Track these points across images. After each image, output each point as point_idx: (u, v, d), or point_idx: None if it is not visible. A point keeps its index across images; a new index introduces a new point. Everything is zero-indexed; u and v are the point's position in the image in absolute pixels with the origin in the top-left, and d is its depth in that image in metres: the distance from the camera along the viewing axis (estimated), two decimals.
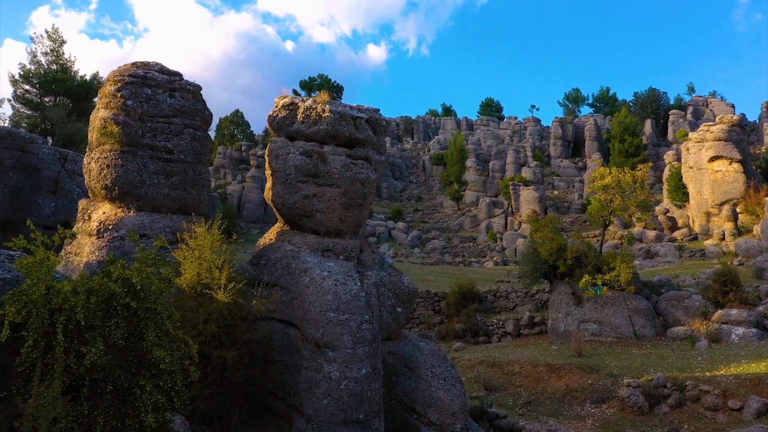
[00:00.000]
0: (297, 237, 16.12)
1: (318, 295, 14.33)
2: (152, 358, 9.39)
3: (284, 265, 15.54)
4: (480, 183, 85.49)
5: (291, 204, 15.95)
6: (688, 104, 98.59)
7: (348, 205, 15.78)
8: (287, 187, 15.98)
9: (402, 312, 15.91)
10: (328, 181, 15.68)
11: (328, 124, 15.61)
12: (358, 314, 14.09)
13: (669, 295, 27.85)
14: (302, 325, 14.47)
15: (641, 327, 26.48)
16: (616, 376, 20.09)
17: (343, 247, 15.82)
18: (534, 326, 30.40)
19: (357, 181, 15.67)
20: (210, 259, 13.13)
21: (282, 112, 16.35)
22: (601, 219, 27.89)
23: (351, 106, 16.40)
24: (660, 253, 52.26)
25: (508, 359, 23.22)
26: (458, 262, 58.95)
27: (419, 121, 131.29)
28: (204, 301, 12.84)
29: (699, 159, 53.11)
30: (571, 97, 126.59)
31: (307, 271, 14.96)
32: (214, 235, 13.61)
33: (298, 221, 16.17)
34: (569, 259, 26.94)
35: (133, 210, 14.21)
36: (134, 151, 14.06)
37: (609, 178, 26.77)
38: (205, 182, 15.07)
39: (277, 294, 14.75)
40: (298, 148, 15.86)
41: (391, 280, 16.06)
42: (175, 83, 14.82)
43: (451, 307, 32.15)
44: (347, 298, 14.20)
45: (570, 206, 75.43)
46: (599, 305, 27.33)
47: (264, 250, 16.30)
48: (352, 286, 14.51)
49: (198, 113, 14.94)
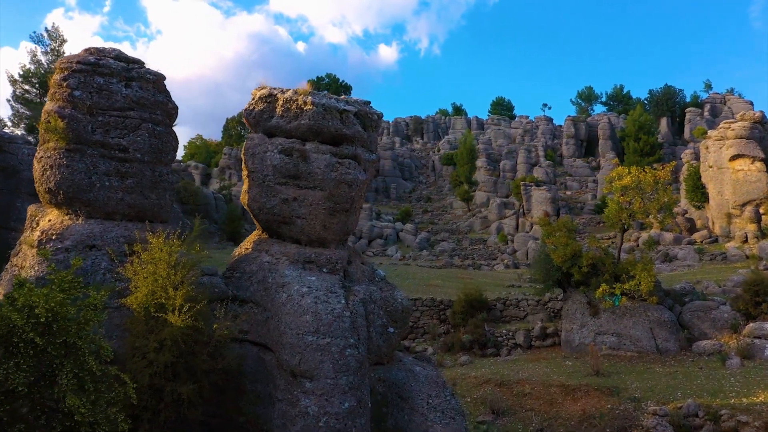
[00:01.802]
0: (275, 247, 14.18)
1: (295, 315, 12.39)
2: (65, 407, 7.47)
3: (260, 279, 13.62)
4: (490, 183, 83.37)
5: (268, 209, 14.02)
6: (705, 102, 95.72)
7: (333, 210, 13.82)
8: (264, 190, 14.07)
9: (395, 332, 13.91)
10: (310, 183, 13.74)
11: (310, 119, 13.67)
12: (341, 337, 12.14)
13: (694, 306, 25.60)
14: (277, 350, 12.54)
15: (664, 340, 24.30)
16: (639, 401, 17.94)
17: (327, 258, 13.85)
18: (546, 338, 28.28)
19: (343, 183, 13.70)
20: (165, 275, 11.21)
21: (259, 105, 14.43)
22: (619, 223, 25.68)
23: (337, 98, 14.44)
24: (679, 256, 50.00)
25: (517, 377, 21.16)
26: (467, 265, 56.86)
27: (429, 121, 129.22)
28: (156, 325, 10.92)
29: (719, 158, 50.85)
30: (584, 95, 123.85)
31: (285, 286, 13.03)
32: (172, 247, 11.70)
33: (276, 228, 14.24)
34: (584, 267, 24.80)
35: (81, 217, 12.32)
36: (82, 150, 12.16)
37: (628, 179, 24.57)
38: (167, 185, 13.14)
39: (246, 315, 12.82)
40: (277, 145, 13.94)
41: (383, 295, 14.06)
42: (132, 71, 12.91)
43: (458, 316, 30.08)
44: (329, 319, 12.25)
45: (583, 207, 73.19)
46: (617, 316, 25.19)
47: (239, 261, 14.37)
48: (335, 304, 12.55)
49: (159, 106, 13.02)
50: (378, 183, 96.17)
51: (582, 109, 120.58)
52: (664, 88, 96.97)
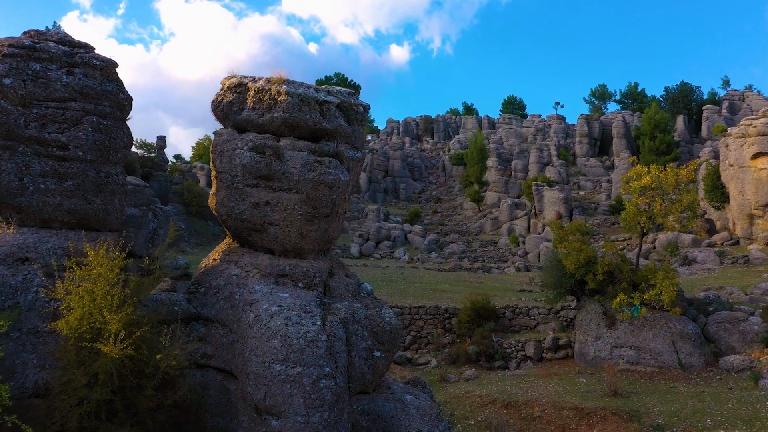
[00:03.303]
0: (246, 258, 12.39)
1: (262, 339, 10.59)
2: None
3: (227, 295, 11.83)
4: (501, 183, 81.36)
5: (237, 215, 12.24)
6: (723, 99, 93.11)
7: (311, 215, 12.00)
8: (233, 193, 12.29)
9: (382, 357, 12.06)
10: (284, 185, 11.93)
11: (284, 111, 11.86)
12: (314, 366, 10.32)
13: (720, 317, 23.48)
14: (242, 380, 10.75)
15: (687, 355, 22.24)
16: (663, 428, 15.93)
17: (303, 271, 12.03)
18: (558, 349, 26.29)
19: (322, 184, 11.88)
20: (102, 294, 9.44)
21: (228, 96, 12.64)
22: (638, 226, 23.61)
23: (317, 88, 12.62)
24: (698, 259, 47.81)
25: (526, 397, 19.23)
26: (477, 268, 54.93)
27: (439, 121, 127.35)
28: (89, 355, 9.16)
29: (740, 156, 48.61)
30: (597, 93, 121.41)
31: (253, 304, 11.23)
32: (115, 261, 9.94)
33: (247, 237, 12.45)
34: (600, 274, 22.81)
35: (12, 226, 10.59)
36: (13, 147, 10.43)
37: (647, 178, 22.49)
38: (117, 187, 11.37)
39: (211, 337, 11.04)
40: (247, 141, 12.14)
41: (368, 314, 12.21)
42: (76, 57, 11.16)
43: (464, 325, 28.17)
44: (300, 344, 10.43)
45: (597, 207, 70.97)
46: (636, 327, 23.17)
47: (204, 274, 12.58)
48: (308, 326, 10.74)
49: (107, 96, 11.26)
50: (387, 183, 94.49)
51: (595, 108, 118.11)
52: (680, 85, 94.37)
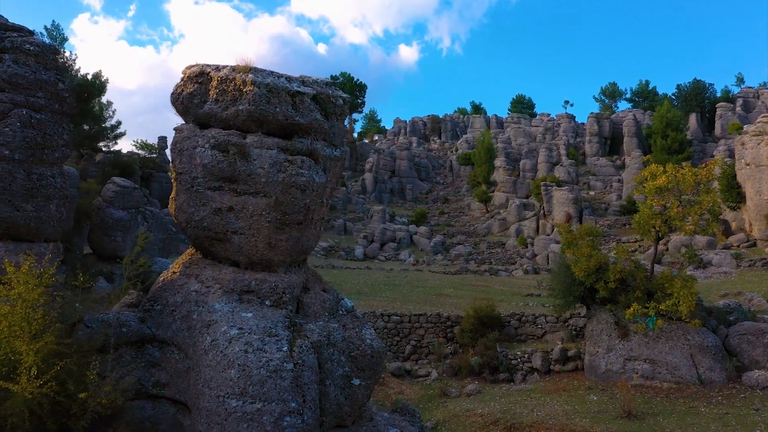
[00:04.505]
0: (208, 271, 10.87)
1: (217, 368, 9.07)
2: None
3: (184, 315, 10.33)
4: (510, 183, 79.63)
5: (197, 222, 10.73)
6: (737, 96, 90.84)
7: (281, 222, 10.47)
8: (193, 197, 10.78)
9: (362, 385, 10.49)
10: (251, 188, 10.41)
11: (250, 103, 10.34)
12: (277, 401, 8.80)
13: (743, 328, 21.70)
14: (194, 416, 9.25)
15: (707, 369, 20.53)
16: None
17: (271, 286, 10.48)
18: (567, 361, 24.63)
19: (294, 186, 10.35)
20: (20, 319, 7.96)
21: (189, 87, 11.14)
22: (653, 230, 21.88)
23: (290, 77, 11.10)
24: (714, 261, 45.90)
25: (532, 418, 17.61)
26: (484, 270, 53.25)
27: (447, 120, 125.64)
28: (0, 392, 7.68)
29: (758, 154, 46.79)
30: (607, 91, 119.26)
31: (211, 326, 9.72)
32: (42, 278, 8.46)
33: (209, 247, 10.94)
34: (612, 282, 21.13)
35: None
36: None
37: (663, 178, 20.77)
38: (53, 192, 9.85)
39: (144, 367, 9.53)
40: (209, 139, 10.63)
41: (346, 336, 10.65)
42: (5, 41, 9.67)
43: (466, 334, 26.55)
44: (261, 375, 8.91)
45: (608, 208, 69.13)
46: (651, 339, 21.48)
47: (162, 289, 11.07)
48: (272, 353, 9.21)
49: (42, 86, 9.76)
50: (393, 184, 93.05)
51: (606, 106, 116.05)
52: (692, 82, 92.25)
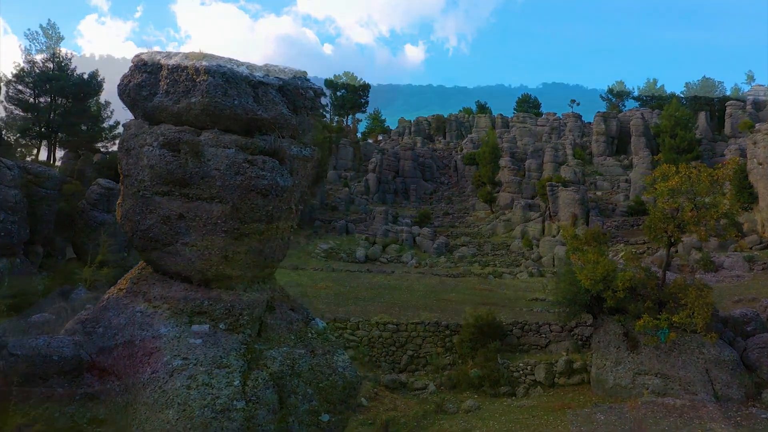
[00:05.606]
0: (156, 288, 9.48)
1: (154, 408, 7.68)
2: None
3: (127, 340, 8.93)
4: (515, 184, 77.99)
5: (143, 231, 9.35)
6: (748, 94, 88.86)
7: (239, 232, 9.08)
8: (139, 203, 9.40)
9: (332, 421, 9.07)
10: (204, 192, 9.02)
11: (204, 95, 8.96)
12: None
13: (761, 340, 20.14)
14: None
15: (724, 385, 19.02)
16: None
17: (227, 307, 9.08)
18: (573, 374, 23.11)
19: (254, 191, 8.97)
20: None
21: (137, 77, 9.76)
22: (664, 236, 20.33)
23: (252, 65, 9.70)
24: (725, 264, 44.28)
25: None
26: (488, 273, 51.83)
27: (452, 120, 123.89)
28: None
29: None
30: (614, 90, 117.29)
31: (153, 355, 8.35)
32: None
33: (157, 260, 9.54)
34: (620, 291, 19.64)
35: None
36: None
37: (676, 179, 19.22)
38: None
39: (78, 401, 8.14)
40: (158, 136, 9.25)
41: (314, 364, 9.23)
42: None
43: (465, 344, 25.08)
44: (205, 417, 7.51)
45: (615, 208, 67.40)
46: (662, 352, 19.98)
47: (105, 309, 9.67)
48: (219, 389, 7.81)
49: None
50: (397, 184, 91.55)
51: (612, 105, 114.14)
52: (701, 80, 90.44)
